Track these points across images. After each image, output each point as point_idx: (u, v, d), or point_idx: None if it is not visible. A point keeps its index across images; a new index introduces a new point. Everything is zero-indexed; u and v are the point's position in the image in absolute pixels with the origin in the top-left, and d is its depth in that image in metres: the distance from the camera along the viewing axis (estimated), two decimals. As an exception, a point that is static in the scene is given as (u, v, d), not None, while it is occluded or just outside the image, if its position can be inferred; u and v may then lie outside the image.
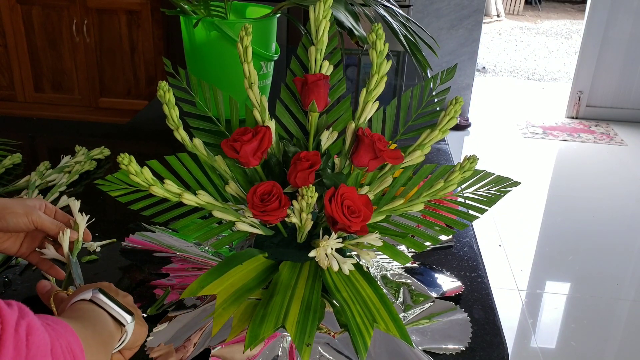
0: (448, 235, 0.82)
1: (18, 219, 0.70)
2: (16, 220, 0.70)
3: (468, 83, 3.78)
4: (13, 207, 0.71)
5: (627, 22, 3.80)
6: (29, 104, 3.14)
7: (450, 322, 0.75)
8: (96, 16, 2.94)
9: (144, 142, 1.32)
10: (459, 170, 0.67)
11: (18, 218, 0.70)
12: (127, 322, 0.59)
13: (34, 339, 0.39)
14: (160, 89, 0.69)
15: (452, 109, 0.69)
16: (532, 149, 3.65)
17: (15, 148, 1.18)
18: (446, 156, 1.24)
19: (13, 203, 0.72)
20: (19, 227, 0.71)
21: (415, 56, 1.19)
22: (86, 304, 0.58)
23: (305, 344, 0.61)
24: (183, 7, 1.26)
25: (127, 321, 0.59)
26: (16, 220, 0.70)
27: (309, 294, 0.66)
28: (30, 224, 0.71)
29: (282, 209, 0.66)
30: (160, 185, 0.67)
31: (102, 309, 0.58)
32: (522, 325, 2.13)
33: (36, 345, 0.39)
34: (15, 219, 0.70)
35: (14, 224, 0.70)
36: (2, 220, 0.70)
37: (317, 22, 0.71)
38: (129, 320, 0.59)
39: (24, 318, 0.40)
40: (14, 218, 0.70)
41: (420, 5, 3.54)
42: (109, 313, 0.58)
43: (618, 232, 2.74)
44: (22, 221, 0.71)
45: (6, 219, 0.70)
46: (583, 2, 7.65)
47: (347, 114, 0.78)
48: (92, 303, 0.58)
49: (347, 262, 0.67)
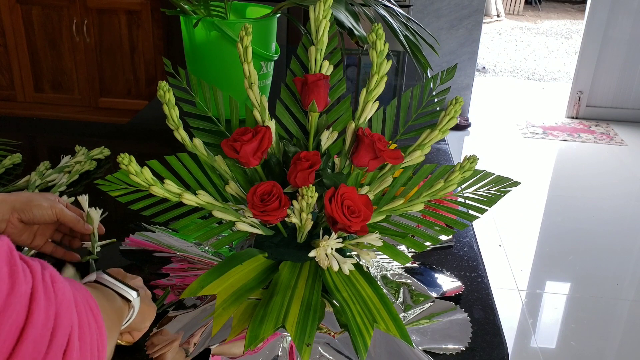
0: (448, 235, 0.82)
1: (44, 212, 0.75)
2: (42, 212, 0.75)
3: (468, 83, 3.78)
4: (38, 200, 0.75)
5: (627, 22, 3.80)
6: (29, 104, 3.14)
7: (450, 322, 0.75)
8: (96, 16, 2.94)
9: (144, 142, 1.32)
10: (459, 170, 0.67)
11: (44, 210, 0.75)
12: (133, 297, 0.60)
13: (59, 285, 0.41)
14: (161, 89, 0.69)
15: (452, 109, 0.69)
16: (532, 149, 3.65)
17: (15, 148, 1.18)
18: (446, 156, 1.24)
19: (38, 196, 0.76)
20: (44, 219, 0.76)
21: (416, 56, 1.19)
22: (92, 284, 0.60)
23: (305, 344, 0.61)
24: (183, 7, 1.26)
25: (132, 296, 0.60)
26: (42, 212, 0.75)
27: (309, 294, 0.66)
28: (54, 216, 0.76)
29: (282, 209, 0.66)
30: (160, 185, 0.67)
31: (108, 288, 0.60)
32: (522, 325, 2.13)
33: (62, 291, 0.41)
34: (42, 211, 0.75)
35: (40, 216, 0.75)
36: (29, 212, 0.74)
37: (317, 22, 0.71)
38: (134, 295, 0.61)
39: (46, 268, 0.42)
40: (40, 210, 0.75)
41: (420, 5, 3.54)
42: (115, 291, 0.60)
43: (618, 232, 2.74)
44: (47, 213, 0.76)
45: (33, 211, 0.74)
46: (583, 2, 7.65)
47: (347, 114, 0.78)
48: (97, 284, 0.60)
49: (347, 262, 0.67)
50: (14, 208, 0.74)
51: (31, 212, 0.74)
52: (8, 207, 0.73)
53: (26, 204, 0.74)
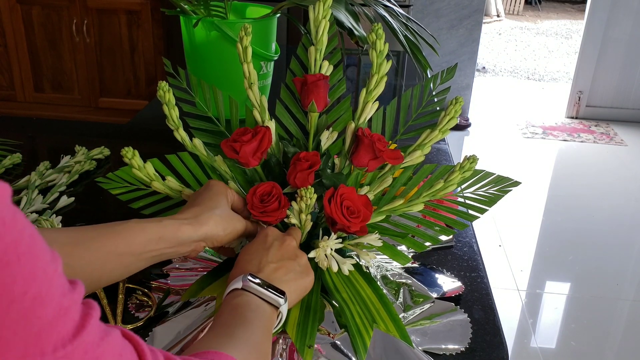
0: (448, 236, 0.82)
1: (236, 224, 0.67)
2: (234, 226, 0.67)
3: (468, 83, 3.77)
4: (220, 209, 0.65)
5: (627, 22, 3.80)
6: (29, 104, 3.14)
7: (451, 323, 0.75)
8: (96, 16, 2.94)
9: (144, 142, 1.32)
10: (459, 170, 0.67)
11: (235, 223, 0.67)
12: (280, 305, 0.57)
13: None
14: (160, 89, 0.69)
15: (452, 109, 0.69)
16: (532, 149, 3.65)
17: (15, 148, 1.18)
18: (446, 156, 1.24)
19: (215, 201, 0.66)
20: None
21: (416, 56, 1.19)
22: (239, 296, 0.57)
23: (306, 346, 0.61)
24: (183, 7, 1.25)
25: (279, 303, 0.57)
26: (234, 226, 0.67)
27: (308, 295, 0.66)
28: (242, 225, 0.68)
29: (281, 209, 0.66)
30: (161, 181, 0.67)
31: (255, 296, 0.57)
32: (522, 325, 2.13)
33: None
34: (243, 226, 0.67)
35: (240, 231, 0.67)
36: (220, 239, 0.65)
37: (316, 22, 0.71)
38: (281, 302, 0.57)
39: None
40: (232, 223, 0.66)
41: (420, 5, 3.54)
42: (262, 298, 0.57)
43: (618, 232, 2.74)
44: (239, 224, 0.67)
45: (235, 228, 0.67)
46: (583, 2, 7.64)
47: (347, 114, 0.78)
48: (244, 292, 0.57)
49: (346, 262, 0.67)
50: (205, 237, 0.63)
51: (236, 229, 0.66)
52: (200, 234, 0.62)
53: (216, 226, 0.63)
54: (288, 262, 0.62)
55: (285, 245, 0.63)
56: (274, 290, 0.58)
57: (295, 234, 0.66)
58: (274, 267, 0.60)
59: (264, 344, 0.55)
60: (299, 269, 0.62)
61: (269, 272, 0.60)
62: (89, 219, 0.95)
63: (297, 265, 0.62)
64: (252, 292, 0.57)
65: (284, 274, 0.60)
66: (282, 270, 0.61)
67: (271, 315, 0.57)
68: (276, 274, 0.60)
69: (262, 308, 0.57)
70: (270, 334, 0.56)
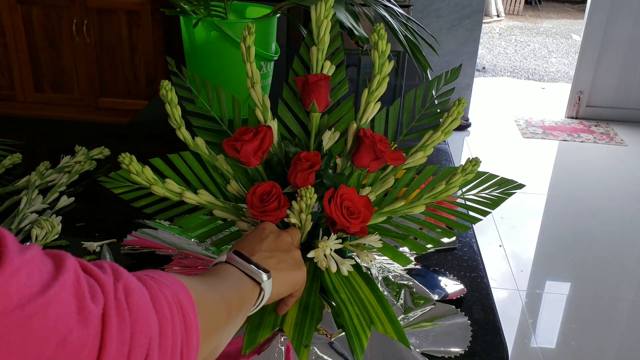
0: (450, 238, 0.82)
1: None
2: None
3: (468, 83, 3.77)
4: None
5: (627, 22, 3.80)
6: (29, 104, 3.14)
7: (451, 326, 0.74)
8: (96, 16, 2.94)
9: (144, 142, 1.32)
10: (461, 172, 0.67)
11: None
12: (262, 280, 0.56)
13: (133, 299, 0.38)
14: (163, 88, 0.69)
15: (454, 110, 0.69)
16: (532, 149, 3.65)
17: (15, 148, 1.18)
18: (446, 156, 1.24)
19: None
20: None
21: (416, 56, 1.19)
22: (221, 265, 0.57)
23: (303, 346, 0.61)
24: (183, 7, 1.25)
25: (261, 279, 0.56)
26: None
27: (306, 295, 0.65)
28: None
29: (281, 209, 0.66)
30: (161, 184, 0.67)
31: (237, 269, 0.56)
32: (522, 325, 2.13)
33: (137, 304, 0.38)
34: None
35: None
36: None
37: (318, 22, 0.71)
38: (264, 278, 0.56)
39: (119, 280, 0.39)
40: None
41: (420, 5, 3.54)
42: (244, 272, 0.56)
43: (618, 232, 2.74)
44: None
45: None
46: (583, 2, 7.65)
47: (350, 114, 0.78)
48: (227, 264, 0.57)
49: (345, 262, 0.67)
50: None
51: None
52: None
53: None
54: (281, 253, 0.62)
55: (280, 239, 0.63)
56: (257, 266, 0.57)
57: (294, 233, 0.66)
58: (267, 254, 0.60)
59: (233, 304, 0.53)
60: (291, 261, 0.62)
61: (260, 258, 0.59)
62: (89, 219, 0.94)
63: (289, 258, 0.62)
64: (235, 265, 0.57)
65: (276, 263, 0.60)
66: (274, 259, 0.60)
67: (251, 289, 0.56)
68: (267, 262, 0.59)
69: (242, 279, 0.56)
70: (245, 303, 0.55)
